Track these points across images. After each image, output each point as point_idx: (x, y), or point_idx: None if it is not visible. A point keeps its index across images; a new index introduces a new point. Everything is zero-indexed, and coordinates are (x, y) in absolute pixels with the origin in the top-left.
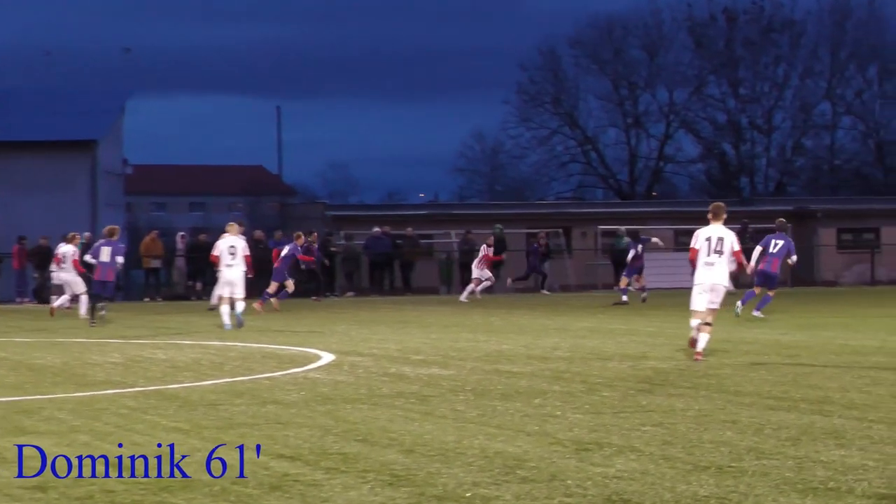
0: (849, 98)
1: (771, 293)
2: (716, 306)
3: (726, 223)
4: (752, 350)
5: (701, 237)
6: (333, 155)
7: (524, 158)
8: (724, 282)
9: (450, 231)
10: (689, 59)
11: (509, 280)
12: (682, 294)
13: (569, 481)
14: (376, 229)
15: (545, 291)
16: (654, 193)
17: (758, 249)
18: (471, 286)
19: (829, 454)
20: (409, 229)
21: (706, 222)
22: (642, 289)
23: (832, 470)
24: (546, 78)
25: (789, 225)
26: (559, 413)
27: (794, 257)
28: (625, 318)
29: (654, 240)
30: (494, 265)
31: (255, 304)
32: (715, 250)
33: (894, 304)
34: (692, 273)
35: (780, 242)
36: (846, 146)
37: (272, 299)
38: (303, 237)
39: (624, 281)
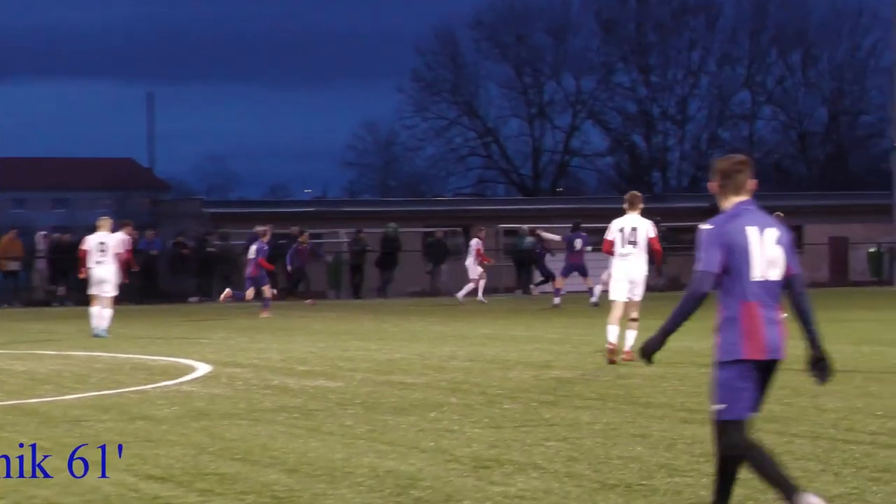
0: (770, 86)
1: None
2: (638, 298)
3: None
4: (663, 358)
5: (615, 228)
6: (211, 147)
7: (420, 151)
8: (641, 273)
9: (339, 230)
10: (598, 44)
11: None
12: (581, 299)
13: (466, 501)
14: (258, 228)
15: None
16: (559, 189)
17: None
18: (470, 285)
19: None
20: (295, 228)
21: (612, 220)
22: (557, 291)
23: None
24: (444, 64)
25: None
26: (456, 428)
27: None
28: (527, 324)
29: (548, 235)
30: (386, 267)
31: (263, 313)
32: (629, 241)
33: (817, 308)
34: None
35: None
36: (766, 138)
37: (263, 312)
38: (268, 233)
39: (560, 281)
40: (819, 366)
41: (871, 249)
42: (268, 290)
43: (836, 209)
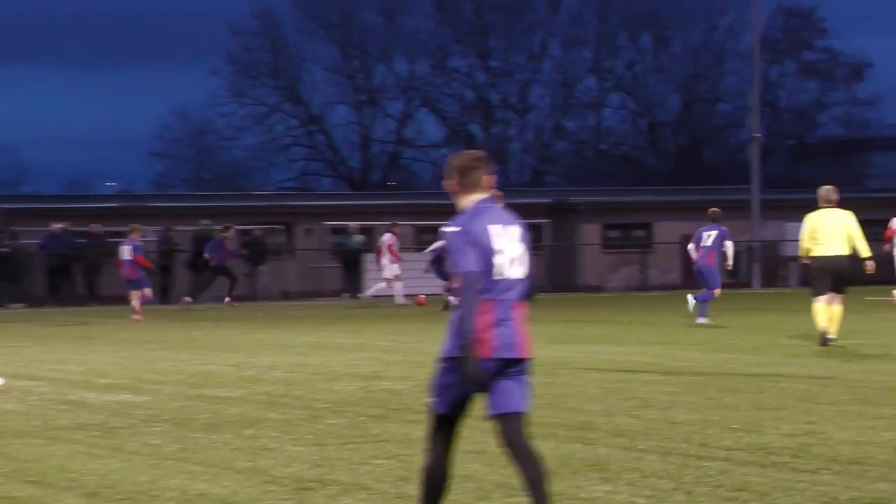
0: (618, 71)
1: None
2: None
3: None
4: None
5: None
6: (0, 136)
7: (237, 141)
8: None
9: (146, 228)
10: (432, 25)
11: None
12: (412, 304)
13: None
14: (55, 226)
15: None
16: (391, 183)
17: (691, 246)
18: (381, 285)
19: (591, 489)
20: (96, 226)
21: (450, 217)
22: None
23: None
24: (263, 45)
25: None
26: (275, 446)
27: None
28: (355, 332)
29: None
30: (199, 269)
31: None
32: None
33: (668, 312)
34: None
35: (713, 233)
36: (614, 128)
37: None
38: (140, 231)
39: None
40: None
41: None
42: (146, 292)
43: (690, 205)
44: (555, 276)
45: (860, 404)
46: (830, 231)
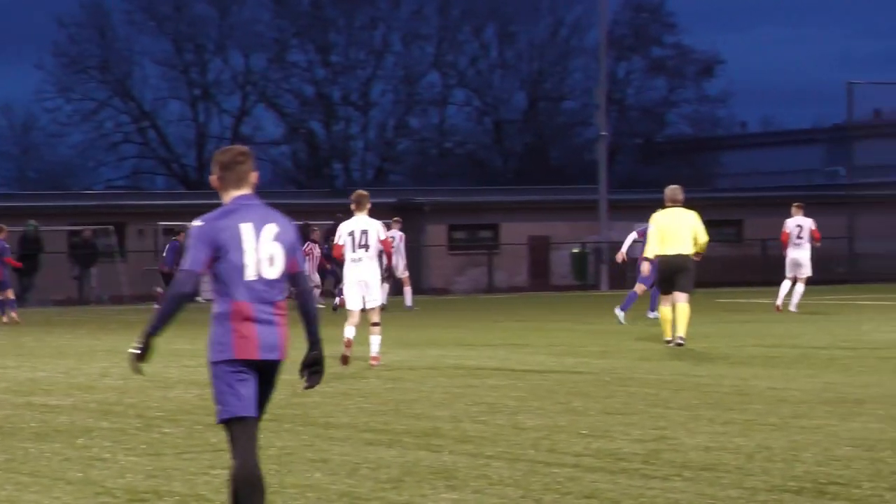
0: (462, 67)
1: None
2: (376, 304)
3: (309, 217)
4: (345, 373)
5: (344, 232)
6: None
7: (64, 138)
8: (375, 277)
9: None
10: (269, 17)
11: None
12: None
13: None
14: None
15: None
16: None
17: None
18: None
19: (438, 498)
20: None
21: (290, 216)
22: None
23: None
24: (90, 37)
25: None
26: (108, 456)
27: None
28: (191, 337)
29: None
30: (25, 272)
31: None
32: (360, 245)
33: (515, 315)
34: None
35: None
36: (459, 125)
37: (12, 312)
38: (5, 231)
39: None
40: (313, 369)
41: (575, 250)
42: (8, 294)
43: (536, 205)
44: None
45: (711, 409)
46: (676, 230)
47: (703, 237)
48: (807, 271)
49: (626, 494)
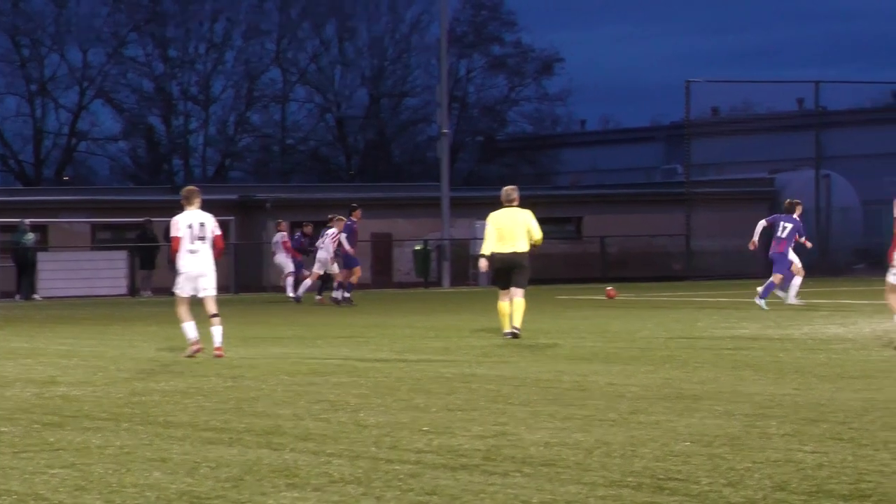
0: (303, 63)
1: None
2: (213, 293)
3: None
4: (186, 371)
5: (182, 224)
6: None
7: None
8: (211, 268)
9: None
10: (106, 11)
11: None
12: (91, 304)
13: None
14: None
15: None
16: (65, 178)
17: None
18: (290, 281)
19: (279, 497)
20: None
21: (130, 213)
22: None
23: None
24: None
25: (798, 204)
26: None
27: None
28: (29, 335)
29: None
30: None
31: None
32: (198, 237)
33: (357, 312)
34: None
35: (789, 225)
36: (301, 122)
37: None
38: None
39: (349, 274)
40: None
41: (417, 247)
42: None
43: (379, 203)
44: (241, 275)
45: (551, 405)
46: (511, 228)
47: (538, 234)
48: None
49: (467, 490)
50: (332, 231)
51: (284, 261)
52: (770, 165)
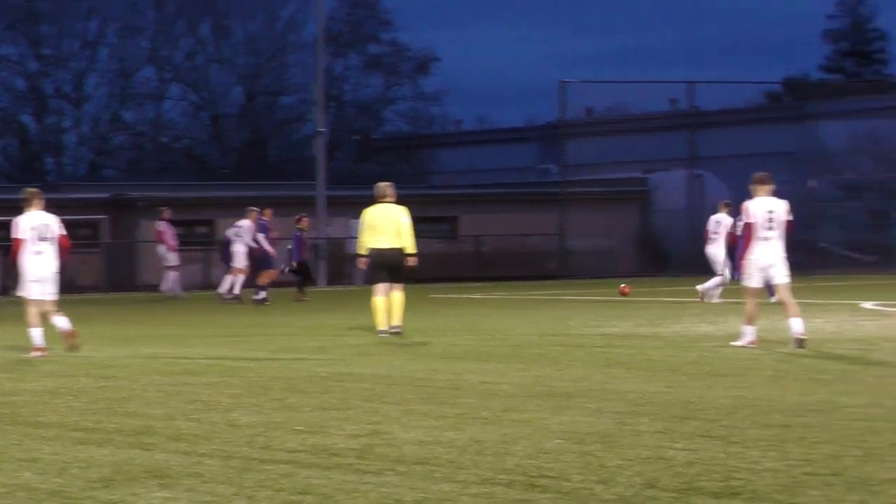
0: (178, 61)
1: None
2: (53, 297)
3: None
4: (56, 371)
5: (25, 226)
6: None
7: None
8: (55, 269)
9: None
10: None
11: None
12: None
13: None
14: None
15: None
16: None
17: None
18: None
19: (150, 497)
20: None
21: (8, 212)
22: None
23: None
24: None
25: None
26: None
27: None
28: None
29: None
30: None
31: None
32: (42, 238)
33: (232, 311)
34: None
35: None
36: (176, 120)
37: None
38: None
39: (270, 275)
40: None
41: (290, 247)
42: None
43: (254, 201)
44: (114, 274)
45: (426, 403)
46: (386, 225)
47: (408, 234)
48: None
49: (340, 489)
50: (246, 223)
51: (164, 254)
52: (644, 165)
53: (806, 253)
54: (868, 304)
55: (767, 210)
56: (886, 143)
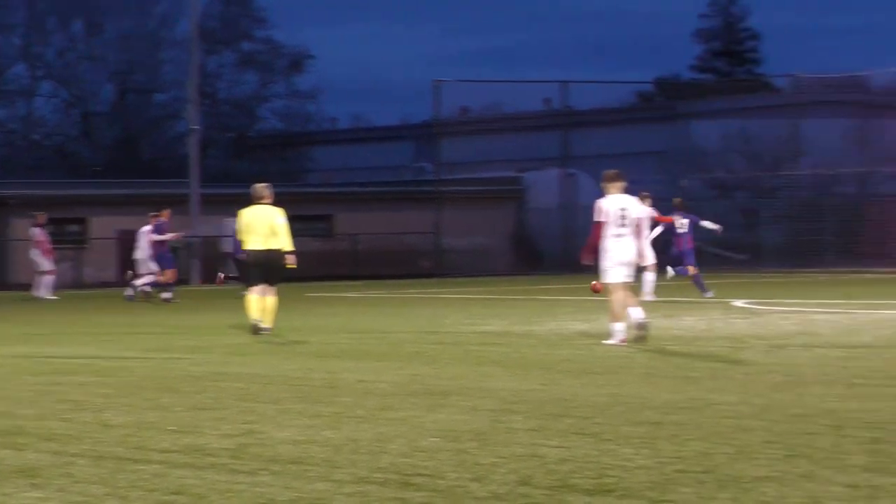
0: (49, 58)
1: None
2: None
3: None
4: None
5: None
6: None
7: None
8: None
9: None
10: None
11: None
12: None
13: None
14: None
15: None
16: None
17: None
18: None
19: (21, 497)
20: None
21: None
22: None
23: None
24: None
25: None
26: None
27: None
28: None
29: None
30: None
31: None
32: None
33: (104, 310)
34: None
35: (686, 221)
36: (47, 117)
37: None
38: None
39: (168, 274)
40: None
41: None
42: None
43: (126, 199)
44: None
45: (300, 402)
46: (263, 226)
47: (285, 234)
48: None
49: (214, 489)
50: (147, 229)
51: (38, 258)
52: (518, 164)
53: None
54: (739, 303)
55: (620, 207)
56: (757, 143)
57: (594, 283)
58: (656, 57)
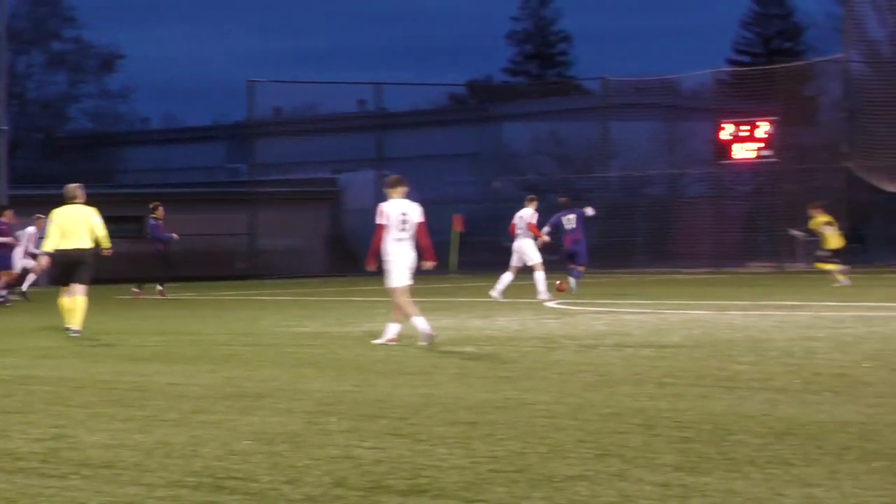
0: None
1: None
2: None
3: None
4: None
5: None
6: None
7: None
8: None
9: None
10: None
11: None
12: None
13: None
14: None
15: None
16: None
17: (546, 229)
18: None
19: None
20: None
21: None
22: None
23: None
24: None
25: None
26: None
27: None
28: None
29: None
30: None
31: None
32: None
33: None
34: None
35: (573, 216)
36: None
37: None
38: None
39: (9, 276)
40: None
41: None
42: None
43: None
44: None
45: (112, 406)
46: (74, 226)
47: (101, 231)
48: (534, 259)
49: (24, 494)
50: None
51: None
52: (334, 165)
53: (493, 253)
54: (551, 303)
55: (401, 212)
56: (568, 145)
57: (559, 282)
58: (470, 59)
